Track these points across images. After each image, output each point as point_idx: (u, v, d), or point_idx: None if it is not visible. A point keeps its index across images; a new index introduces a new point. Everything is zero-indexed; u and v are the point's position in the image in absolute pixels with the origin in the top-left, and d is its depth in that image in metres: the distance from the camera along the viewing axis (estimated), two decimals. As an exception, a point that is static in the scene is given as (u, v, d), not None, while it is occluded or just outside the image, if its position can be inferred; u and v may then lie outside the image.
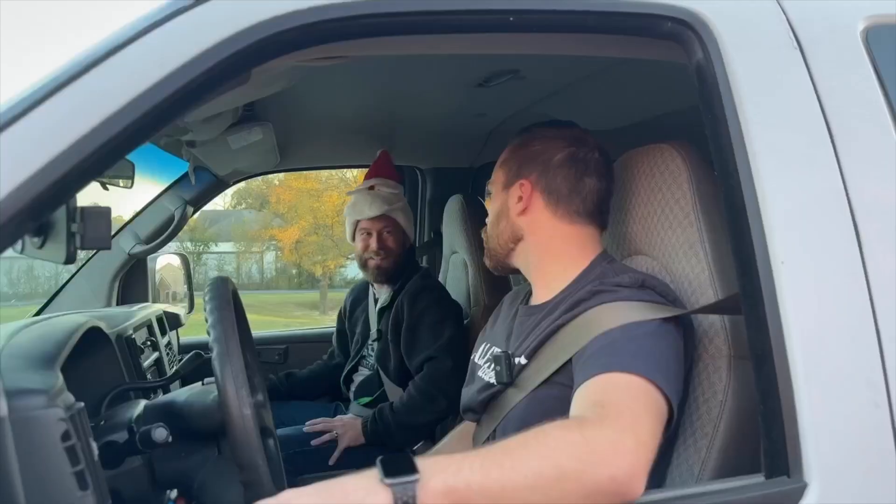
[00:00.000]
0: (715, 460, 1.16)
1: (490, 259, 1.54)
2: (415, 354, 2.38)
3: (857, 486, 0.93)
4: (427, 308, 2.41)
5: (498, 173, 1.50)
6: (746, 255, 0.98)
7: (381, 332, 2.54)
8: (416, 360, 2.37)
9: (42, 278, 8.98)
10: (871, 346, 0.95)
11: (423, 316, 2.40)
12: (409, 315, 2.42)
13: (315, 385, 2.79)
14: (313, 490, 0.87)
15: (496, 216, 1.49)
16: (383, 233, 2.52)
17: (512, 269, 1.51)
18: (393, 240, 2.53)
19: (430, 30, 1.06)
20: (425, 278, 2.58)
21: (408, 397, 2.31)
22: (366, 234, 2.53)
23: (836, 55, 1.06)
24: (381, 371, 2.53)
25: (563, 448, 0.90)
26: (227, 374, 1.04)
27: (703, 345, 1.24)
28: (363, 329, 2.70)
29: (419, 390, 2.29)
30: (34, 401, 0.86)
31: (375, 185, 2.54)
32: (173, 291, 2.88)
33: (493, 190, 1.51)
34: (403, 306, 2.44)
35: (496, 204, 1.49)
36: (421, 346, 2.37)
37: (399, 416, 2.29)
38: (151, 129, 0.91)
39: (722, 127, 1.01)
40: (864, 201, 0.99)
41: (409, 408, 2.28)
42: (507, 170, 1.47)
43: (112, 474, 1.17)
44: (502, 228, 1.47)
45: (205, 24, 0.92)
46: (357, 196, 2.54)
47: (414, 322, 2.41)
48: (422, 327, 2.39)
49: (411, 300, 2.44)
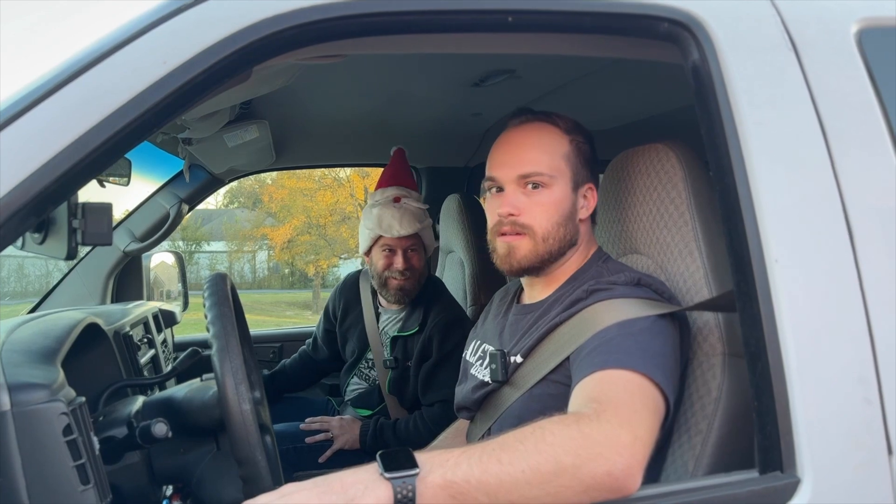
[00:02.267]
0: (709, 456, 1.18)
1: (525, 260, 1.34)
2: (431, 392, 2.27)
3: (849, 481, 0.95)
4: (456, 348, 2.18)
5: (559, 163, 1.34)
6: (741, 254, 1.00)
7: (397, 359, 2.37)
8: (431, 397, 2.27)
9: (33, 276, 8.90)
10: (863, 343, 0.97)
11: (450, 356, 2.23)
12: (438, 351, 2.26)
13: (300, 381, 2.75)
14: (312, 484, 0.88)
15: (563, 215, 1.34)
16: (409, 251, 2.32)
17: (534, 272, 1.37)
18: (418, 259, 2.35)
19: (430, 29, 1.07)
20: (453, 307, 2.41)
21: (414, 429, 2.23)
22: (388, 250, 2.32)
23: (829, 56, 1.07)
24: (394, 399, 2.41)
25: (561, 443, 0.91)
26: (227, 370, 1.05)
27: (697, 342, 1.25)
28: (359, 343, 2.53)
29: (426, 427, 2.21)
30: (36, 395, 0.87)
31: (401, 197, 2.33)
32: (167, 289, 2.87)
33: (546, 181, 1.32)
34: (433, 340, 2.28)
35: (564, 201, 1.34)
36: (438, 386, 2.24)
37: (400, 440, 2.24)
38: (153, 126, 0.92)
39: (717, 127, 1.03)
40: (857, 200, 1.00)
41: (414, 438, 2.20)
42: (573, 167, 1.36)
43: (111, 469, 1.18)
44: (568, 230, 1.35)
45: (207, 22, 0.92)
46: (382, 210, 2.30)
47: (440, 360, 2.26)
48: (446, 368, 2.23)
49: (443, 334, 2.27)
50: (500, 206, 1.34)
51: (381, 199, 2.34)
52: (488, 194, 1.41)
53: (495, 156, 1.38)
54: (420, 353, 2.30)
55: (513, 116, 1.41)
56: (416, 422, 2.25)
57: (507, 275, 1.41)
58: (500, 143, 1.39)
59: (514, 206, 1.32)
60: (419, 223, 2.32)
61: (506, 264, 1.36)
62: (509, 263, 1.35)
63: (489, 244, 1.40)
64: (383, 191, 2.37)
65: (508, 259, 1.35)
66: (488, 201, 1.40)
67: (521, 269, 1.35)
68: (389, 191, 2.35)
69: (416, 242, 2.34)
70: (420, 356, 2.30)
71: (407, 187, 2.38)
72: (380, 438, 2.26)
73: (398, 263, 2.31)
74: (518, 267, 1.35)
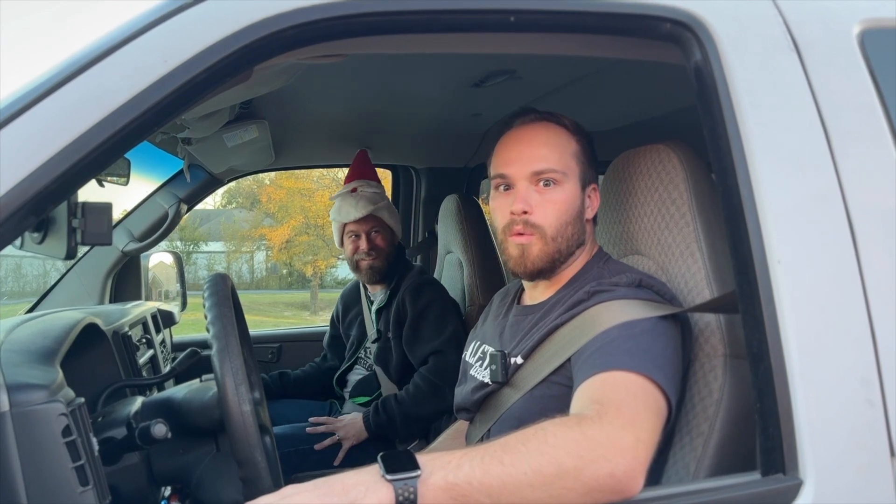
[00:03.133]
0: (710, 458, 1.17)
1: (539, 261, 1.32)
2: (418, 348, 2.39)
3: (851, 484, 0.95)
4: (430, 303, 2.42)
5: (569, 161, 1.33)
6: (743, 255, 0.99)
7: (381, 331, 2.53)
8: (420, 353, 2.38)
9: (30, 276, 8.84)
10: (865, 344, 0.97)
11: (426, 311, 2.41)
12: (411, 310, 2.42)
13: (307, 386, 2.79)
14: (313, 486, 0.88)
15: (572, 214, 1.33)
16: (371, 233, 2.53)
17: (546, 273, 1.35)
18: (382, 238, 2.54)
19: (431, 29, 1.06)
20: (423, 274, 2.59)
21: (414, 388, 2.31)
22: (354, 236, 2.54)
23: (832, 57, 1.07)
24: (380, 370, 2.52)
25: (563, 445, 0.91)
26: (227, 371, 1.05)
27: (699, 344, 1.24)
28: (359, 332, 2.69)
29: (426, 381, 2.29)
30: (35, 395, 0.87)
31: (357, 187, 2.55)
32: (165, 290, 2.87)
33: (558, 178, 1.31)
34: (405, 302, 2.44)
35: (574, 200, 1.34)
36: (425, 340, 2.38)
37: (405, 406, 2.29)
38: (154, 126, 0.91)
39: (720, 128, 1.02)
40: (859, 201, 1.00)
41: (415, 399, 2.28)
42: (581, 165, 1.35)
43: (110, 470, 1.17)
44: (577, 230, 1.34)
45: (208, 21, 0.92)
46: (341, 200, 2.55)
47: (416, 317, 2.41)
48: (425, 322, 2.40)
49: (413, 296, 2.44)
50: (513, 203, 1.31)
51: (341, 193, 2.58)
52: (494, 193, 1.38)
53: (504, 153, 1.36)
54: (396, 318, 2.46)
55: (518, 115, 1.39)
56: (417, 382, 2.32)
57: (522, 278, 1.39)
58: (508, 140, 1.37)
59: (528, 202, 1.30)
60: (373, 205, 2.50)
61: (520, 267, 1.33)
62: (524, 265, 1.33)
63: (499, 246, 1.37)
64: (345, 186, 2.60)
65: (523, 261, 1.32)
66: (496, 200, 1.37)
67: (536, 270, 1.33)
68: (350, 185, 2.58)
69: (376, 224, 2.54)
70: (396, 321, 2.46)
71: (365, 179, 2.59)
72: (384, 413, 2.30)
73: (363, 245, 2.52)
74: (532, 269, 1.32)
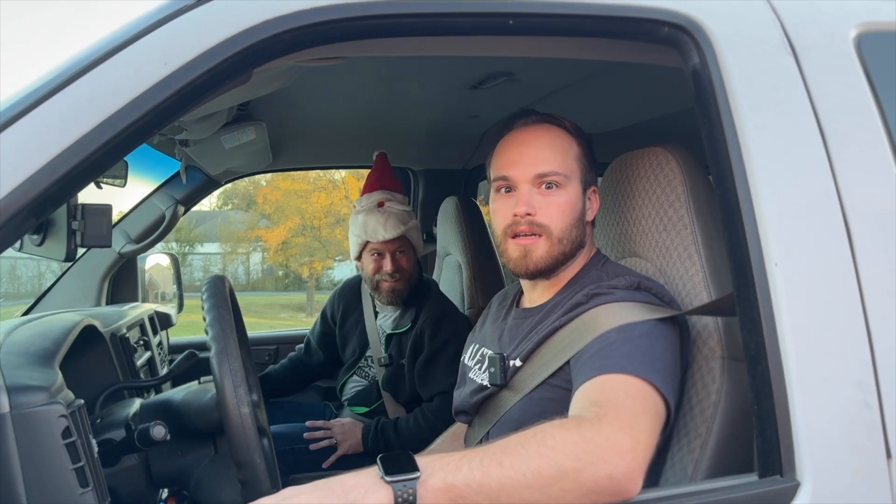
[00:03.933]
0: (708, 460, 1.18)
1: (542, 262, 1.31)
2: (428, 386, 2.30)
3: (848, 485, 0.95)
4: (447, 341, 2.29)
5: (571, 163, 1.33)
6: (741, 258, 1.00)
7: (391, 356, 2.41)
8: (429, 391, 2.30)
9: (25, 278, 8.80)
10: (862, 347, 0.97)
11: (442, 349, 2.29)
12: (429, 346, 2.31)
13: (292, 384, 2.73)
14: (313, 487, 0.88)
15: (576, 216, 1.33)
16: (396, 253, 2.37)
17: (547, 274, 1.35)
18: (406, 259, 2.39)
19: (430, 32, 1.07)
20: (443, 302, 2.46)
21: (415, 425, 2.24)
22: (377, 255, 2.37)
23: (829, 61, 1.08)
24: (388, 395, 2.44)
25: (562, 447, 0.91)
26: (226, 373, 1.05)
27: (696, 346, 1.25)
28: (360, 342, 2.56)
29: (427, 422, 2.22)
30: (35, 397, 0.87)
31: (384, 200, 2.37)
32: (162, 291, 2.86)
33: (561, 181, 1.31)
34: (424, 334, 2.33)
35: (577, 202, 1.33)
36: (435, 380, 2.29)
37: (402, 439, 2.24)
38: (154, 128, 0.92)
39: (718, 130, 1.03)
40: (856, 204, 1.01)
41: (414, 434, 2.22)
42: (582, 167, 1.35)
43: (108, 472, 1.17)
44: (580, 232, 1.34)
45: (208, 23, 0.92)
46: (366, 215, 2.35)
47: (432, 354, 2.30)
48: (440, 362, 2.29)
49: (433, 329, 2.32)
50: (515, 206, 1.30)
51: (366, 205, 2.39)
52: (494, 195, 1.37)
53: (506, 155, 1.35)
54: (412, 348, 2.34)
55: (518, 117, 1.38)
56: (417, 417, 2.27)
57: (520, 278, 1.39)
58: (509, 142, 1.37)
59: (531, 205, 1.29)
60: (403, 225, 2.35)
61: (520, 267, 1.32)
62: (525, 266, 1.32)
63: (498, 247, 1.37)
64: (368, 196, 2.42)
65: (524, 262, 1.31)
66: (496, 202, 1.36)
67: (538, 270, 1.32)
68: (374, 196, 2.40)
69: (402, 244, 2.38)
70: (413, 352, 2.34)
71: (391, 190, 2.43)
72: (381, 438, 2.26)
73: (387, 266, 2.35)
74: (534, 269, 1.32)
